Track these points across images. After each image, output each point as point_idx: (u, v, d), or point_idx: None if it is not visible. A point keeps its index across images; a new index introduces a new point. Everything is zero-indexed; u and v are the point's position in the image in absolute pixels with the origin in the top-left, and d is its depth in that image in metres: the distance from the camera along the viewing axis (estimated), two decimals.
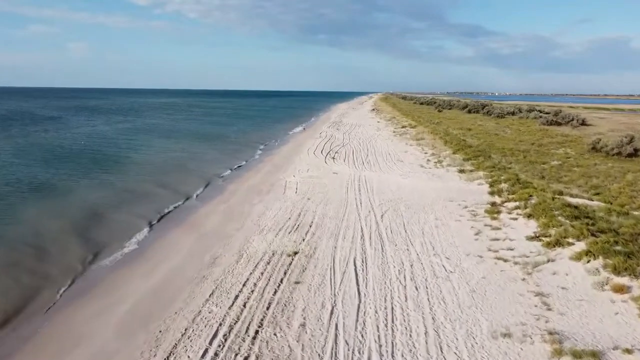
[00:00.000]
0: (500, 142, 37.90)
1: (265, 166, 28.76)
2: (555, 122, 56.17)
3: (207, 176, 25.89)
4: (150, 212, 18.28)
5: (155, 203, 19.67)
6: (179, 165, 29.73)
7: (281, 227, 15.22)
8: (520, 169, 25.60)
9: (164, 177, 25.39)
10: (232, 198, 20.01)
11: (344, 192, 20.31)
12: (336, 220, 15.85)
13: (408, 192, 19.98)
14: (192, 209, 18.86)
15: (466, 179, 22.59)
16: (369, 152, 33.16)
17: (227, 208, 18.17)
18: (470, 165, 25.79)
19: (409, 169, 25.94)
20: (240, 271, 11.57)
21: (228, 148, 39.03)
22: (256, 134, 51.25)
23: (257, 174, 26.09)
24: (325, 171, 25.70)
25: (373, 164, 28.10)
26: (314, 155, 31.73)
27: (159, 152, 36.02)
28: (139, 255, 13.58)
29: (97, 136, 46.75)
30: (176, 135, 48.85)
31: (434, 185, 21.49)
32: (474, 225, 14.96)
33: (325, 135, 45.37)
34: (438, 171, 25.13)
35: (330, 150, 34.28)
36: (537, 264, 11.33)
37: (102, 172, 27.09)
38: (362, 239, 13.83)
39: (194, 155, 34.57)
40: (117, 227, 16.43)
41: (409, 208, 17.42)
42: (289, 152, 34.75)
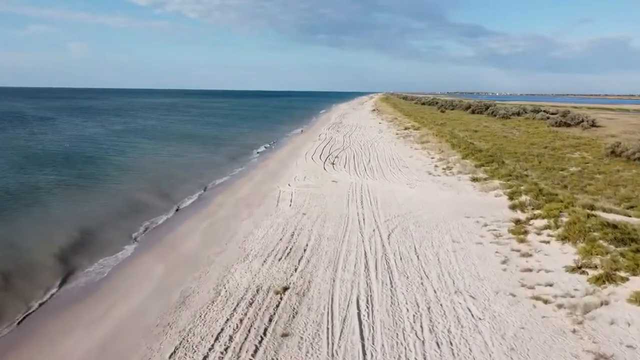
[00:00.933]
0: (511, 145, 35.56)
1: (259, 173, 26.41)
2: (565, 124, 53.87)
3: (194, 185, 23.55)
4: (123, 231, 15.93)
5: (130, 219, 17.30)
6: (166, 172, 27.39)
7: (270, 251, 12.87)
8: (538, 176, 23.27)
9: (146, 186, 23.05)
10: (218, 212, 17.65)
11: (344, 205, 17.96)
12: (335, 243, 13.50)
13: (417, 206, 17.63)
14: (171, 226, 16.49)
15: (481, 189, 20.24)
16: (371, 157, 30.82)
17: (211, 226, 15.81)
18: (483, 173, 23.44)
19: (416, 177, 23.59)
20: (215, 316, 9.22)
21: (221, 152, 36.69)
22: (253, 136, 48.89)
23: (250, 182, 23.74)
24: (323, 179, 23.36)
25: (376, 170, 25.75)
26: (312, 161, 29.38)
27: (146, 156, 33.68)
28: (95, 291, 11.22)
29: (84, 138, 44.39)
30: (168, 138, 46.51)
31: (445, 196, 19.14)
32: (499, 250, 12.61)
33: (325, 138, 43.01)
34: (448, 179, 22.77)
35: (329, 155, 31.94)
36: (588, 308, 8.98)
37: (79, 179, 24.75)
38: (366, 269, 11.49)
39: (183, 160, 32.24)
40: (77, 252, 14.05)
41: (419, 226, 15.08)
42: (286, 157, 32.40)
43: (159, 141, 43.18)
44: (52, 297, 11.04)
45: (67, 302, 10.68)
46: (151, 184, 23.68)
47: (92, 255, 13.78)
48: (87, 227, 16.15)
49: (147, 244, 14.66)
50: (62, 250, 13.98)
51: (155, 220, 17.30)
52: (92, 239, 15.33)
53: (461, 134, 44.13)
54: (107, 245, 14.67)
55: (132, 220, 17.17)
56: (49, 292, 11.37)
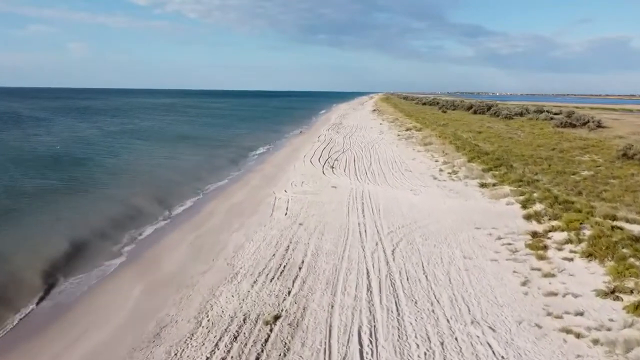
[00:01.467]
0: (517, 147, 34.22)
1: (256, 177, 25.09)
2: (570, 124, 52.57)
3: (188, 190, 22.23)
4: (106, 242, 14.62)
5: (116, 229, 15.96)
6: (159, 176, 26.06)
7: (261, 269, 11.55)
8: (550, 181, 21.95)
9: (136, 192, 21.73)
10: (208, 222, 16.33)
11: (344, 214, 16.64)
12: (334, 259, 12.18)
13: (423, 215, 16.32)
14: (158, 238, 15.15)
15: (490, 195, 18.92)
16: (373, 160, 29.50)
17: (199, 238, 14.48)
18: (491, 177, 22.12)
19: (420, 182, 22.27)
20: (193, 354, 7.90)
21: (218, 154, 35.35)
22: (251, 138, 47.57)
23: (245, 187, 22.42)
24: (322, 184, 22.04)
25: (378, 174, 24.43)
26: (311, 164, 28.07)
27: (139, 159, 32.37)
28: (63, 317, 9.90)
29: (77, 140, 43.07)
30: (164, 139, 45.18)
31: (452, 204, 17.82)
32: (517, 268, 11.29)
33: (324, 139, 41.70)
34: (455, 185, 21.46)
35: (329, 158, 30.62)
36: (630, 346, 7.67)
37: (67, 183, 23.45)
38: (369, 292, 10.17)
39: (178, 163, 30.91)
40: (54, 267, 12.73)
41: (426, 239, 13.76)
42: (284, 160, 31.08)
43: (154, 143, 41.88)
44: (13, 328, 9.71)
45: (30, 332, 9.36)
46: (142, 189, 22.37)
47: (70, 271, 12.51)
48: (68, 237, 14.82)
49: (130, 258, 13.35)
50: (38, 265, 12.66)
51: (143, 230, 15.97)
52: (72, 251, 14.01)
53: (465, 135, 42.81)
54: (87, 258, 13.39)
55: (118, 230, 15.84)
56: (13, 318, 10.07)
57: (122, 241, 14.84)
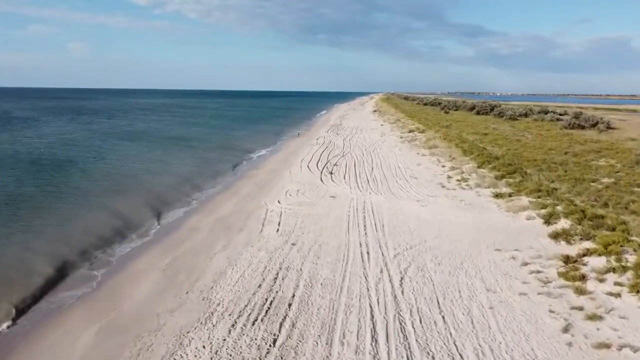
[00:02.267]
0: (527, 150, 32.24)
1: (247, 185, 23.09)
2: (578, 126, 50.66)
3: (170, 200, 20.25)
4: (63, 271, 12.58)
5: (81, 251, 13.91)
6: (142, 184, 24.06)
7: (243, 307, 9.56)
8: (569, 189, 19.97)
9: (114, 203, 19.74)
10: (188, 241, 14.32)
11: (343, 230, 14.64)
12: (331, 292, 10.19)
13: (433, 232, 14.32)
14: (124, 263, 13.08)
15: (507, 208, 16.92)
16: (374, 165, 27.51)
17: (173, 263, 12.48)
18: (506, 186, 20.13)
19: (427, 191, 20.27)
20: None
21: (210, 158, 33.37)
22: (247, 140, 45.61)
23: (234, 197, 20.41)
24: (320, 193, 20.05)
25: (380, 182, 22.43)
26: (308, 170, 26.07)
27: (126, 164, 30.38)
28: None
29: (64, 141, 41.11)
30: (156, 141, 43.19)
31: (466, 218, 15.82)
32: (554, 306, 9.29)
33: (323, 142, 39.70)
34: (466, 194, 19.46)
35: (327, 162, 28.63)
36: None
37: (40, 192, 21.44)
38: (374, 340, 8.18)
39: (166, 169, 28.91)
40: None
41: (439, 264, 11.77)
42: (279, 165, 29.09)
43: (145, 146, 39.88)
44: None
45: None
46: (122, 199, 20.38)
47: (17, 303, 10.51)
48: (20, 261, 12.84)
49: (90, 291, 11.32)
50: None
51: (111, 253, 13.92)
52: (20, 278, 11.96)
53: (470, 137, 40.84)
54: (39, 290, 11.36)
55: (84, 253, 13.72)
56: None
57: (84, 267, 12.81)
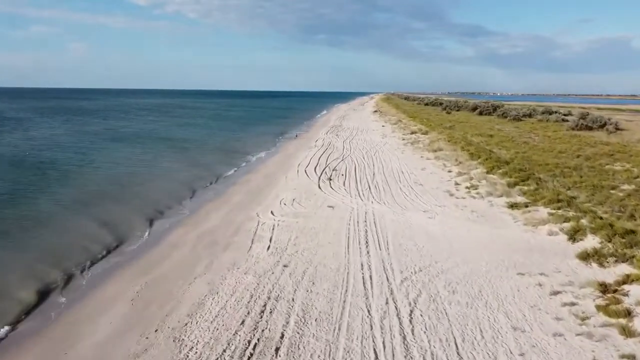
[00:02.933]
0: (537, 154, 30.56)
1: (239, 192, 21.39)
2: (586, 127, 48.93)
3: (152, 210, 18.50)
4: (17, 299, 10.90)
5: (41, 275, 12.21)
6: (125, 190, 22.37)
7: (221, 353, 7.87)
8: (589, 198, 18.31)
9: (92, 211, 18.07)
10: (166, 261, 12.63)
11: (342, 248, 12.97)
12: (328, 331, 8.50)
13: (444, 250, 12.65)
14: (89, 289, 11.31)
15: (525, 220, 15.23)
16: (376, 169, 25.82)
17: (145, 289, 10.78)
18: (520, 194, 18.46)
19: (435, 200, 18.58)
20: None
21: (202, 161, 31.68)
22: (242, 141, 43.95)
23: (224, 206, 18.72)
24: (317, 202, 18.37)
25: (383, 189, 20.75)
26: (305, 175, 24.38)
27: (112, 167, 28.70)
28: None
29: (51, 143, 39.44)
30: (148, 143, 41.51)
31: (480, 233, 14.15)
32: (599, 354, 7.61)
33: (322, 144, 38.01)
34: (477, 204, 17.77)
35: (326, 167, 26.93)
36: None
37: (13, 200, 19.79)
38: None
39: (153, 173, 27.22)
40: None
41: (454, 291, 10.10)
42: (275, 169, 27.41)
43: (136, 148, 38.19)
44: None
45: None
46: (102, 209, 18.66)
47: None
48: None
49: (41, 328, 9.62)
50: None
51: (75, 276, 12.20)
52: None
53: (475, 139, 39.19)
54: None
55: (46, 275, 12.03)
56: None
57: (51, 291, 11.15)
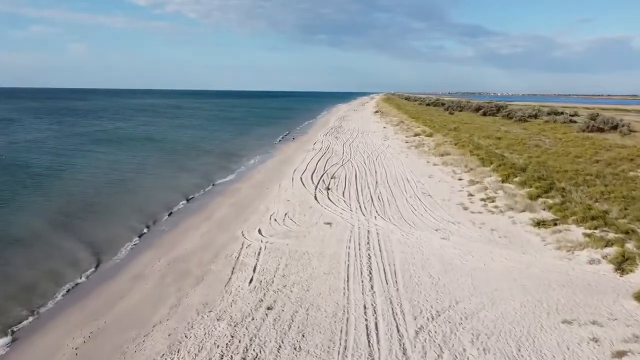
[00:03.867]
0: (551, 158, 28.21)
1: (224, 205, 18.99)
2: (597, 128, 46.57)
3: (122, 229, 16.00)
4: None
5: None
6: (97, 202, 19.96)
7: None
8: (622, 213, 15.95)
9: (53, 229, 15.72)
10: (123, 301, 10.22)
11: (341, 282, 10.60)
12: None
13: (466, 285, 10.28)
14: (25, 337, 9.04)
15: (557, 244, 12.86)
16: (379, 176, 23.46)
17: (86, 346, 8.39)
18: (544, 208, 16.09)
19: (447, 215, 16.21)
20: None
21: (190, 166, 29.29)
22: (236, 144, 41.59)
23: (204, 224, 16.32)
24: (312, 218, 16.00)
25: (387, 201, 18.37)
26: (301, 183, 22.01)
27: (91, 175, 26.31)
28: None
29: (33, 145, 37.14)
30: (135, 145, 39.15)
31: (506, 260, 11.77)
32: None
33: (321, 148, 35.61)
34: (496, 220, 15.38)
35: (324, 173, 24.56)
36: None
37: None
38: None
39: (135, 180, 24.81)
40: None
41: (485, 349, 7.74)
42: (268, 176, 25.04)
43: (120, 151, 35.82)
44: None
45: None
46: (64, 225, 16.26)
47: None
48: None
49: None
50: None
51: (17, 317, 9.87)
52: None
53: (483, 142, 36.84)
54: None
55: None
56: None
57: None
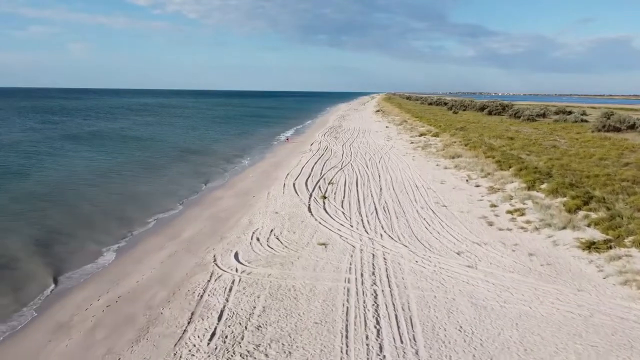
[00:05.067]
0: (574, 161, 25.12)
1: (199, 219, 15.89)
2: (613, 128, 43.55)
3: (63, 252, 13.02)
4: None
5: None
6: (48, 213, 16.91)
7: None
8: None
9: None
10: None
11: (336, 338, 7.53)
12: None
13: (510, 342, 7.24)
14: None
15: (621, 277, 9.74)
16: (383, 182, 20.41)
17: None
18: (587, 224, 13.02)
19: (470, 232, 13.14)
20: None
21: (165, 173, 25.81)
22: (226, 145, 38.56)
23: (168, 245, 13.20)
24: (303, 237, 12.95)
25: (395, 213, 15.29)
26: (293, 190, 18.95)
27: (53, 179, 23.33)
28: None
29: (5, 144, 34.11)
30: (114, 146, 36.05)
31: (559, 302, 8.70)
32: None
33: (318, 149, 32.55)
34: (533, 241, 12.29)
35: (321, 178, 21.52)
36: None
37: None
38: None
39: (99, 188, 21.53)
40: None
41: None
42: (256, 183, 21.98)
43: (98, 153, 32.79)
44: None
45: None
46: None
47: None
48: None
49: None
50: None
51: None
52: None
53: (495, 142, 33.80)
54: None
55: None
56: None
57: None
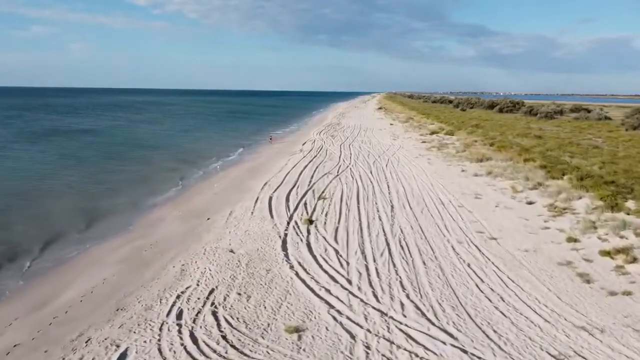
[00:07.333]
0: (634, 165, 19.72)
1: (104, 262, 10.29)
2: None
3: None
4: None
5: None
6: None
7: None
8: None
9: None
10: None
11: None
12: None
13: None
14: None
15: None
16: (395, 197, 14.73)
17: None
18: None
19: (557, 300, 7.49)
20: None
21: (112, 177, 20.48)
22: (207, 145, 32.96)
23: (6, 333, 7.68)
24: (262, 311, 7.30)
25: (421, 252, 9.64)
26: (267, 210, 13.28)
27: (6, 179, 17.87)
28: None
29: None
30: (84, 145, 30.65)
31: None
32: None
33: (310, 149, 26.85)
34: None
35: (309, 190, 15.85)
36: None
37: None
38: None
39: (59, 194, 16.44)
40: None
41: None
42: (218, 197, 16.32)
43: (67, 151, 27.41)
44: None
45: None
46: None
47: None
48: None
49: None
50: None
51: None
52: None
53: (521, 141, 28.19)
54: None
55: None
56: None
57: None
